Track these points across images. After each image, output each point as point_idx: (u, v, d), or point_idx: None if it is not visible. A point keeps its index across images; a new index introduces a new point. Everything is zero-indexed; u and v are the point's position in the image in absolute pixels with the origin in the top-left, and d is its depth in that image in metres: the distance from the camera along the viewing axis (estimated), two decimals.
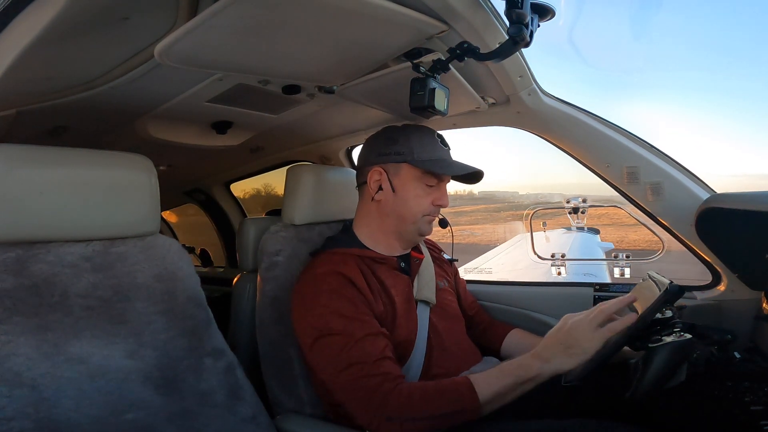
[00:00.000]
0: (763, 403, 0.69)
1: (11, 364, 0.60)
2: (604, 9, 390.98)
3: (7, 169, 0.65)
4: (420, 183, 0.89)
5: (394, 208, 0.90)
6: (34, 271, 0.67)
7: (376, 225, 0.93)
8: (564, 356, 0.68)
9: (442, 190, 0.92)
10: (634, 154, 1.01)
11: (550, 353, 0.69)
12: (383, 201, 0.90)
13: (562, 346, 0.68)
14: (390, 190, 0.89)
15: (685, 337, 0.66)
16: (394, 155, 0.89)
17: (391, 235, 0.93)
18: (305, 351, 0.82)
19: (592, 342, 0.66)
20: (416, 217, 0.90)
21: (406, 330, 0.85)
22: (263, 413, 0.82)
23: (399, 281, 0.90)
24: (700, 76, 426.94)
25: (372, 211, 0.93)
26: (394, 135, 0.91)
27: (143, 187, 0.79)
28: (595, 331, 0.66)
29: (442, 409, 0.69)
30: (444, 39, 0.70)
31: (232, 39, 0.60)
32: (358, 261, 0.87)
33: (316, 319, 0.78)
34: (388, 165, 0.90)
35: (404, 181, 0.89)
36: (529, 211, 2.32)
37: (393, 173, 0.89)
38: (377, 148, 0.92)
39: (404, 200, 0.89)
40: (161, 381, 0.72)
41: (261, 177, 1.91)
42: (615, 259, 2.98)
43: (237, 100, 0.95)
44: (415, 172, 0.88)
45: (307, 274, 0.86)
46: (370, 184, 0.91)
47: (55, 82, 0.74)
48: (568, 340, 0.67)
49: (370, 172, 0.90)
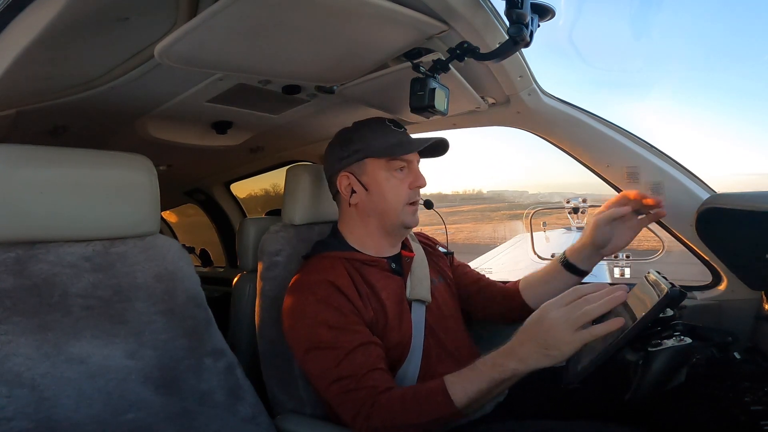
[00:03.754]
0: (763, 403, 0.69)
1: (11, 364, 0.60)
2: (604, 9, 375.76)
3: (7, 169, 0.65)
4: (389, 172, 0.87)
5: (374, 207, 0.88)
6: (34, 271, 0.67)
7: (361, 229, 0.91)
8: (541, 356, 0.64)
9: (415, 171, 0.90)
10: (634, 154, 1.01)
11: (527, 352, 0.66)
12: (360, 203, 0.89)
13: (540, 346, 0.64)
14: (363, 191, 0.88)
15: (685, 342, 0.65)
16: (353, 154, 0.87)
17: (377, 235, 0.91)
18: (298, 360, 0.81)
19: (571, 345, 0.63)
20: (398, 208, 0.88)
21: (399, 333, 0.83)
22: (263, 413, 0.82)
23: (390, 283, 0.88)
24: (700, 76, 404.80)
25: (353, 216, 0.91)
26: (347, 135, 0.90)
27: (143, 187, 0.79)
28: (575, 333, 0.62)
29: (421, 417, 0.69)
30: (444, 39, 0.70)
31: (232, 39, 0.60)
32: (347, 265, 0.86)
33: (306, 331, 0.78)
34: (351, 167, 0.88)
35: (373, 176, 0.87)
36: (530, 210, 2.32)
37: (360, 173, 0.88)
38: (336, 154, 0.90)
39: (380, 195, 0.87)
40: (161, 381, 0.72)
41: (261, 177, 1.91)
42: (615, 259, 2.98)
43: (237, 100, 0.95)
44: (380, 162, 0.87)
45: (295, 282, 0.85)
46: (342, 191, 0.89)
47: (55, 82, 0.74)
48: (548, 340, 0.64)
49: (338, 180, 0.89)
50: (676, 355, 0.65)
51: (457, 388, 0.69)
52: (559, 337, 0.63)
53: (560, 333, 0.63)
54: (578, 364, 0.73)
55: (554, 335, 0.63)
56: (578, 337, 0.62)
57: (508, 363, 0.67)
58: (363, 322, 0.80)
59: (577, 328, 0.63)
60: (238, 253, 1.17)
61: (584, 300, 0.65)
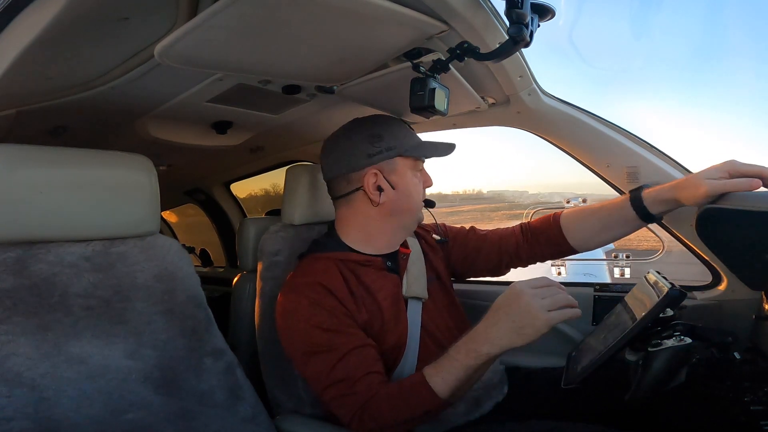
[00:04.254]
0: (763, 403, 0.69)
1: (11, 364, 0.60)
2: (604, 9, 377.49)
3: (7, 169, 0.65)
4: (414, 171, 0.88)
5: (400, 205, 0.87)
6: (34, 271, 0.67)
7: (375, 228, 0.88)
8: (513, 335, 0.64)
9: (425, 172, 0.92)
10: (634, 154, 1.01)
11: (499, 332, 0.66)
12: (387, 202, 0.85)
13: (515, 324, 0.64)
14: (391, 189, 0.85)
15: (685, 342, 0.66)
16: (386, 151, 0.84)
17: (389, 233, 0.89)
18: (294, 363, 0.81)
19: (545, 323, 0.63)
20: (419, 206, 0.90)
21: (396, 334, 0.83)
22: (263, 413, 0.82)
23: (386, 282, 0.87)
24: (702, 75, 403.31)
25: (371, 216, 0.87)
26: (374, 130, 0.86)
27: (143, 187, 0.79)
28: (548, 313, 0.63)
29: (410, 412, 0.70)
30: (444, 39, 0.70)
31: (232, 39, 0.59)
32: (341, 266, 0.84)
33: (300, 335, 0.77)
34: (381, 164, 0.85)
35: (401, 174, 0.86)
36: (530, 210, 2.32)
37: (388, 171, 0.85)
38: (362, 149, 0.85)
39: (407, 194, 0.87)
40: (161, 381, 0.72)
41: (261, 177, 1.91)
42: (615, 259, 2.96)
43: (237, 100, 0.94)
44: (408, 162, 0.87)
45: (288, 284, 0.85)
46: (368, 189, 0.85)
47: (55, 82, 0.74)
48: (523, 317, 0.64)
49: (365, 176, 0.85)
50: (676, 355, 0.65)
51: (436, 380, 0.69)
52: (534, 314, 0.63)
53: (535, 310, 0.63)
54: (578, 364, 0.73)
55: (529, 312, 0.64)
56: (551, 316, 0.63)
57: (480, 348, 0.67)
58: (356, 324, 0.79)
59: (549, 310, 0.64)
60: (238, 253, 1.17)
61: (555, 287, 0.66)
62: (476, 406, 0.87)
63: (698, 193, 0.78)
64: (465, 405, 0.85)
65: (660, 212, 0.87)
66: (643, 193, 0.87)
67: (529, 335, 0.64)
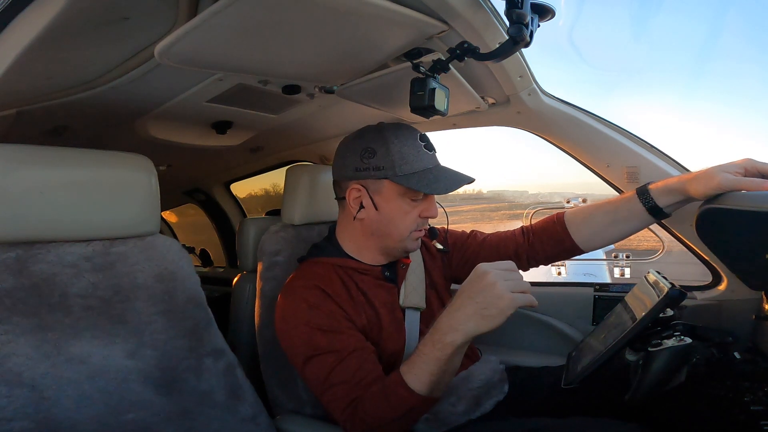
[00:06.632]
0: (763, 403, 0.69)
1: (11, 364, 0.60)
2: (604, 9, 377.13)
3: (7, 169, 0.65)
4: (405, 198, 0.81)
5: (379, 227, 0.83)
6: (34, 271, 0.67)
7: (360, 241, 0.87)
8: (478, 318, 0.63)
9: (429, 201, 0.84)
10: (634, 154, 1.01)
11: (463, 317, 0.64)
12: (366, 220, 0.83)
13: (479, 306, 0.63)
14: (372, 208, 0.82)
15: (685, 342, 0.66)
16: (373, 171, 0.80)
17: (375, 250, 0.88)
18: (294, 366, 0.81)
19: (509, 304, 0.61)
20: (403, 235, 0.83)
21: (394, 342, 0.83)
22: (263, 413, 0.82)
23: (383, 291, 0.86)
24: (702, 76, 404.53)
25: (356, 229, 0.87)
26: (371, 145, 0.81)
27: (143, 187, 0.79)
28: (512, 294, 0.62)
29: (395, 412, 0.69)
30: (444, 39, 0.70)
31: (232, 39, 0.59)
32: (340, 272, 0.84)
33: (300, 338, 0.77)
34: (366, 181, 0.81)
35: (387, 198, 0.81)
36: (530, 210, 2.31)
37: (374, 190, 0.81)
38: (352, 161, 0.82)
39: (389, 218, 0.82)
40: (161, 381, 0.72)
41: (261, 177, 1.91)
42: (615, 259, 2.96)
43: (237, 100, 0.95)
44: (398, 188, 0.80)
45: (288, 287, 0.84)
46: (349, 202, 0.83)
47: (55, 82, 0.74)
48: (487, 298, 0.62)
49: (348, 190, 0.83)
50: (676, 355, 0.65)
51: (411, 378, 0.68)
52: (498, 293, 0.62)
53: (500, 290, 0.62)
54: (578, 364, 0.73)
55: (493, 291, 0.62)
56: (516, 296, 0.62)
57: (444, 338, 0.65)
58: (355, 327, 0.79)
59: (513, 291, 0.63)
60: (238, 253, 1.17)
61: (518, 273, 0.66)
62: (476, 405, 0.87)
63: (711, 184, 0.76)
64: (465, 404, 0.85)
65: (667, 204, 0.85)
66: (650, 186, 0.86)
67: (494, 317, 0.62)
